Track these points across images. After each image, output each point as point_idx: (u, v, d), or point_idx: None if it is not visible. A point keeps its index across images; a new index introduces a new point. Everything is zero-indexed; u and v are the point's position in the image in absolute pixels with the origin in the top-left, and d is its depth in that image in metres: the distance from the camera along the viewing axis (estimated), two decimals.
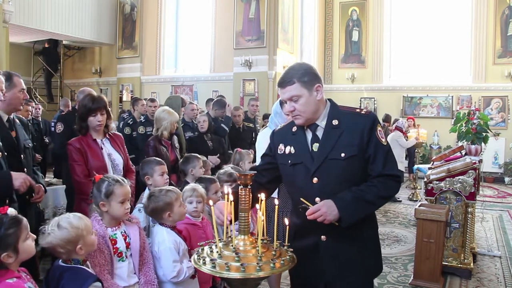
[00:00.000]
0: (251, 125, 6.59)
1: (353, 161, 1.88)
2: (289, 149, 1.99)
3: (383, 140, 1.94)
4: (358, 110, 2.01)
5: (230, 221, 1.60)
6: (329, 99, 2.02)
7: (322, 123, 1.95)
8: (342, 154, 1.87)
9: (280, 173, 2.10)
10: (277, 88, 1.99)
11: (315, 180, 1.90)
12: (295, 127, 2.02)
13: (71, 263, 1.92)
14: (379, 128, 1.95)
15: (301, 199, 1.89)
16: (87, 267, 1.99)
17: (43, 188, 2.82)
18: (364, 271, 1.98)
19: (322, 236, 1.93)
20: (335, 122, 1.93)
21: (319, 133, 1.95)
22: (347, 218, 1.82)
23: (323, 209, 1.80)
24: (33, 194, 2.72)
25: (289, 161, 1.98)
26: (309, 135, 1.98)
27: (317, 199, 1.88)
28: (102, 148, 3.17)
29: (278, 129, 2.17)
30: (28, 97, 2.79)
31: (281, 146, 2.03)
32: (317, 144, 1.93)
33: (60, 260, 1.94)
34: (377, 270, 2.10)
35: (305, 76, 1.90)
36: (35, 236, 1.82)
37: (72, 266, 1.92)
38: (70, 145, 3.10)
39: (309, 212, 1.82)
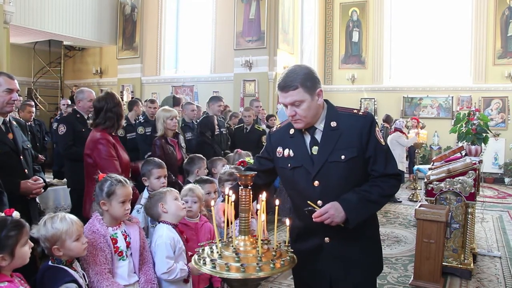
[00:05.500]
0: (261, 127, 6.42)
1: (353, 163, 1.87)
2: (288, 152, 1.96)
3: (382, 140, 1.94)
4: (355, 111, 1.99)
5: (229, 223, 1.59)
6: (326, 100, 1.98)
7: (320, 125, 1.93)
8: (342, 156, 1.86)
9: (273, 176, 2.10)
10: (277, 91, 1.94)
11: (316, 183, 1.88)
12: (292, 129, 1.98)
13: (54, 263, 1.94)
14: (377, 129, 1.95)
15: (308, 202, 1.87)
16: (76, 268, 1.99)
17: (41, 179, 2.80)
18: (367, 270, 2.00)
19: (325, 238, 1.93)
20: (333, 124, 1.91)
21: (318, 136, 1.93)
22: (353, 219, 1.82)
23: (331, 212, 1.80)
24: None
25: (289, 165, 1.95)
26: (307, 138, 1.95)
27: (319, 202, 1.87)
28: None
29: (274, 130, 2.13)
30: (17, 98, 2.72)
31: (280, 149, 2.00)
32: (317, 147, 1.91)
33: (50, 261, 1.96)
34: (379, 268, 2.11)
35: (307, 80, 1.85)
36: (32, 244, 1.82)
37: (54, 265, 1.94)
38: (105, 139, 3.07)
39: (317, 215, 1.81)
